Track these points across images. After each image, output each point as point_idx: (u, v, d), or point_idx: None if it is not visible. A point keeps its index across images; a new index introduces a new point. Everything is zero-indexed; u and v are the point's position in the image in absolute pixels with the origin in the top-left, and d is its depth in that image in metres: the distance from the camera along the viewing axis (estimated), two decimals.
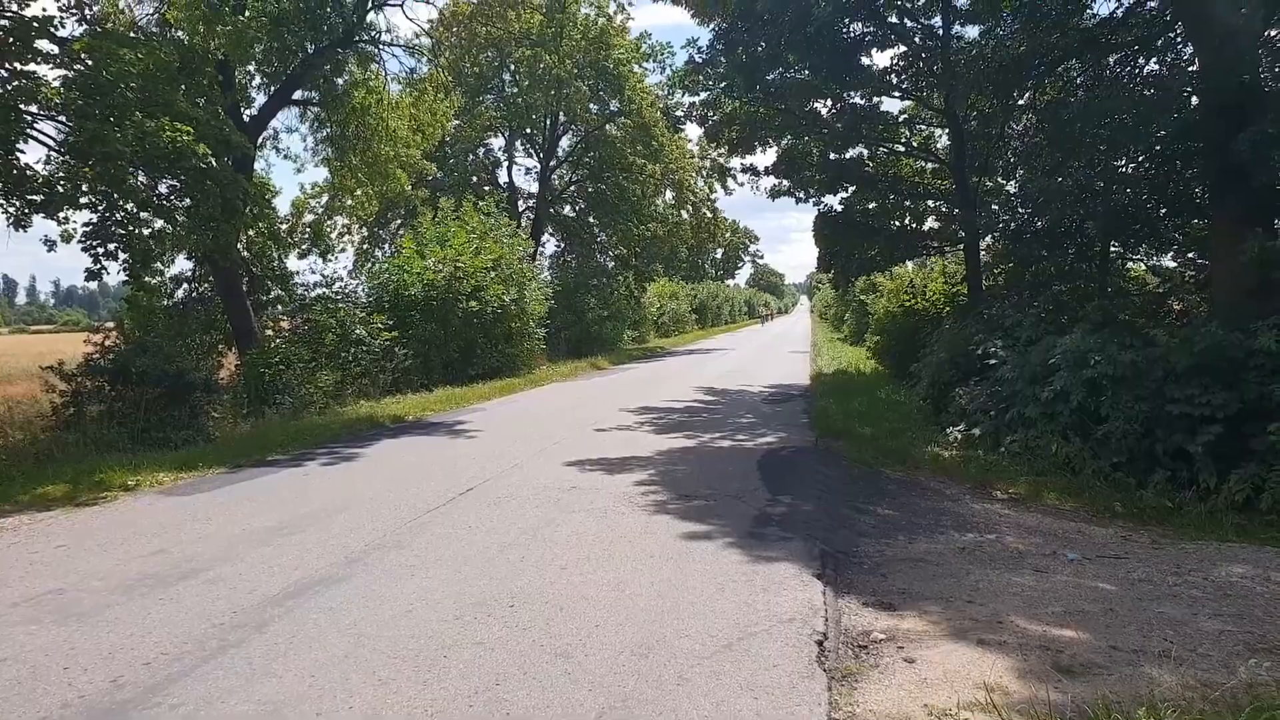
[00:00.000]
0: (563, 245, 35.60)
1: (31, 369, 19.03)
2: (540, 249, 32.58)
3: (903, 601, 5.30)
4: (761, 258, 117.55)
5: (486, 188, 31.99)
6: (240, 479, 9.40)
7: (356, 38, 18.23)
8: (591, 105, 32.22)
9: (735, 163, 20.34)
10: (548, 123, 32.89)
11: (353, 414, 14.48)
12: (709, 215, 40.50)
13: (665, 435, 12.18)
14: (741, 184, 52.10)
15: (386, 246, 29.57)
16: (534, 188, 34.48)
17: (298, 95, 18.87)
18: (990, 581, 5.71)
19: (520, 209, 33.53)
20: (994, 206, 14.84)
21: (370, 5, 18.47)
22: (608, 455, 10.39)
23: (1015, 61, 12.57)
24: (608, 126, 33.01)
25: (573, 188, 35.38)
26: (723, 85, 16.90)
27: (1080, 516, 7.67)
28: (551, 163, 33.55)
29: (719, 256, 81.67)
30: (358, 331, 17.11)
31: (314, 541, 6.66)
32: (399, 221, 29.23)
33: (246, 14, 15.25)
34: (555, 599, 5.24)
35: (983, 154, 15.87)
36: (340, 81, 18.41)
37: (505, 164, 34.51)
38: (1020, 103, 14.59)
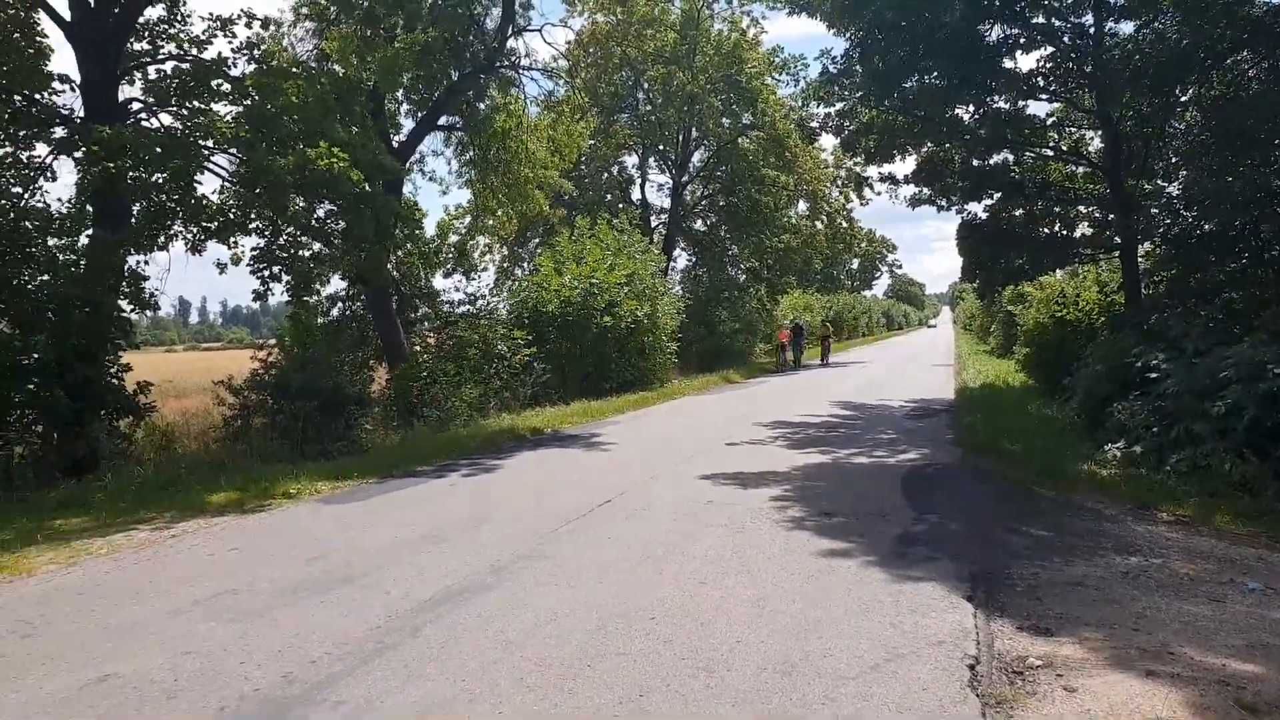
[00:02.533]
0: (694, 259, 35.72)
1: (203, 384, 20.63)
2: (672, 263, 32.84)
3: (1060, 627, 5.03)
4: (900, 267, 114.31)
5: (620, 205, 32.51)
6: (390, 489, 9.87)
7: (498, 63, 18.96)
8: (724, 120, 32.30)
9: (873, 171, 20.05)
10: (680, 138, 33.16)
11: (494, 426, 14.97)
12: (844, 225, 39.78)
13: (801, 450, 12.00)
14: (879, 193, 49.93)
15: (525, 264, 30.49)
16: (666, 203, 34.83)
17: (443, 121, 19.78)
18: (1158, 609, 5.34)
19: (653, 224, 33.91)
20: (1154, 210, 13.91)
21: (511, 32, 19.19)
22: (743, 470, 10.33)
23: (1177, 56, 11.78)
24: (740, 140, 32.99)
25: (704, 202, 35.51)
26: (858, 95, 16.59)
27: (1260, 543, 7.06)
28: (684, 178, 33.78)
29: (854, 267, 79.98)
30: (499, 347, 17.71)
31: (461, 550, 6.92)
32: (537, 240, 30.11)
33: (396, 44, 16.12)
34: (696, 613, 5.25)
35: (1140, 155, 14.93)
36: (482, 106, 19.19)
37: (639, 181, 35.03)
38: (1183, 99, 13.66)
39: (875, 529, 7.35)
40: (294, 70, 14.67)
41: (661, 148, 33.64)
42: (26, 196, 12.98)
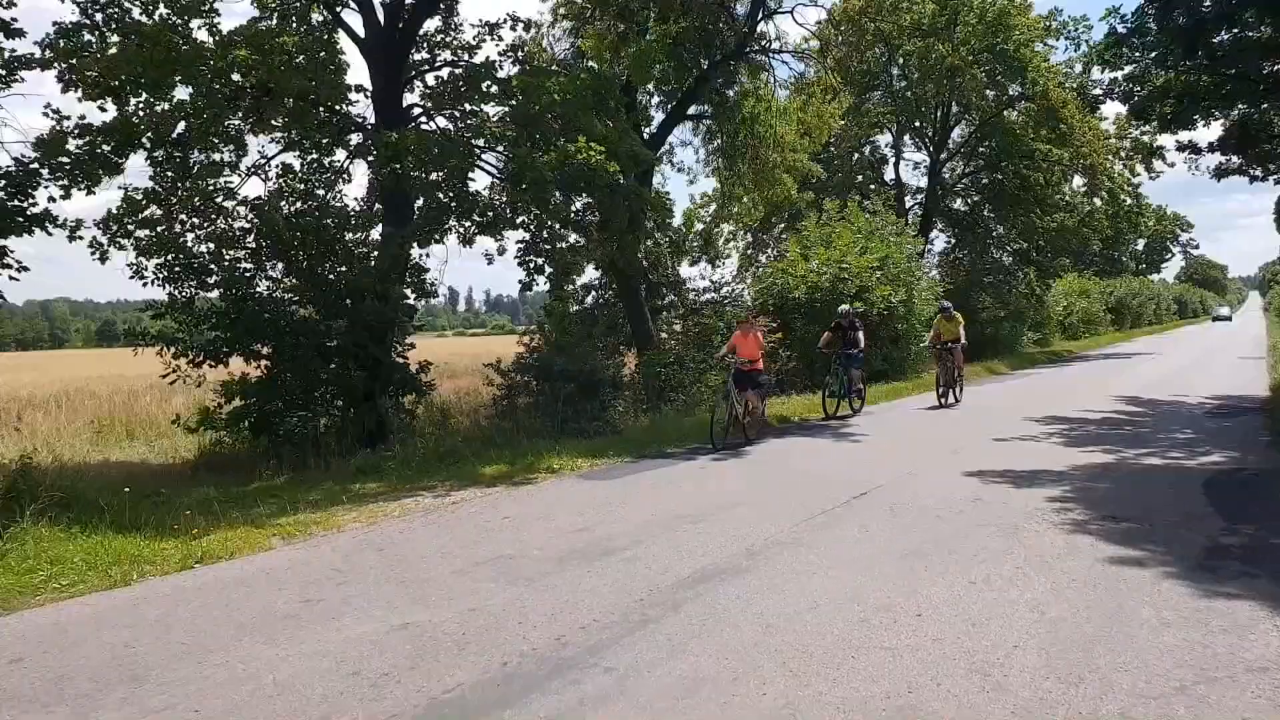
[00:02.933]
0: (953, 241, 33.95)
1: (472, 366, 22.45)
2: (929, 246, 31.35)
3: None
4: (1196, 247, 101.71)
5: (872, 186, 31.56)
6: (643, 468, 10.24)
7: (748, 49, 19.01)
8: (988, 92, 30.37)
9: (1167, 141, 17.98)
10: (939, 114, 31.61)
11: None
12: (1128, 201, 36.15)
13: (1079, 449, 11.09)
14: (1172, 164, 44.64)
15: (770, 251, 30.41)
16: (922, 182, 33.35)
17: (692, 110, 20.15)
18: None
19: (907, 205, 32.62)
20: None
21: (761, 16, 19.17)
22: (1013, 467, 9.71)
23: None
24: (1006, 112, 30.90)
25: (965, 180, 33.63)
26: (1152, 55, 15.00)
27: None
28: (942, 155, 32.19)
29: (1139, 248, 72.47)
30: None
31: (716, 531, 7.06)
32: (782, 225, 29.90)
33: (649, 37, 16.61)
34: (966, 613, 5.03)
35: None
36: (731, 93, 19.33)
37: (892, 160, 33.80)
38: None
39: (1174, 538, 6.65)
40: (554, 69, 15.57)
41: (918, 125, 32.25)
42: (328, 198, 14.74)
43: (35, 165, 11.38)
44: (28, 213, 10.84)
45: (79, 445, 14.55)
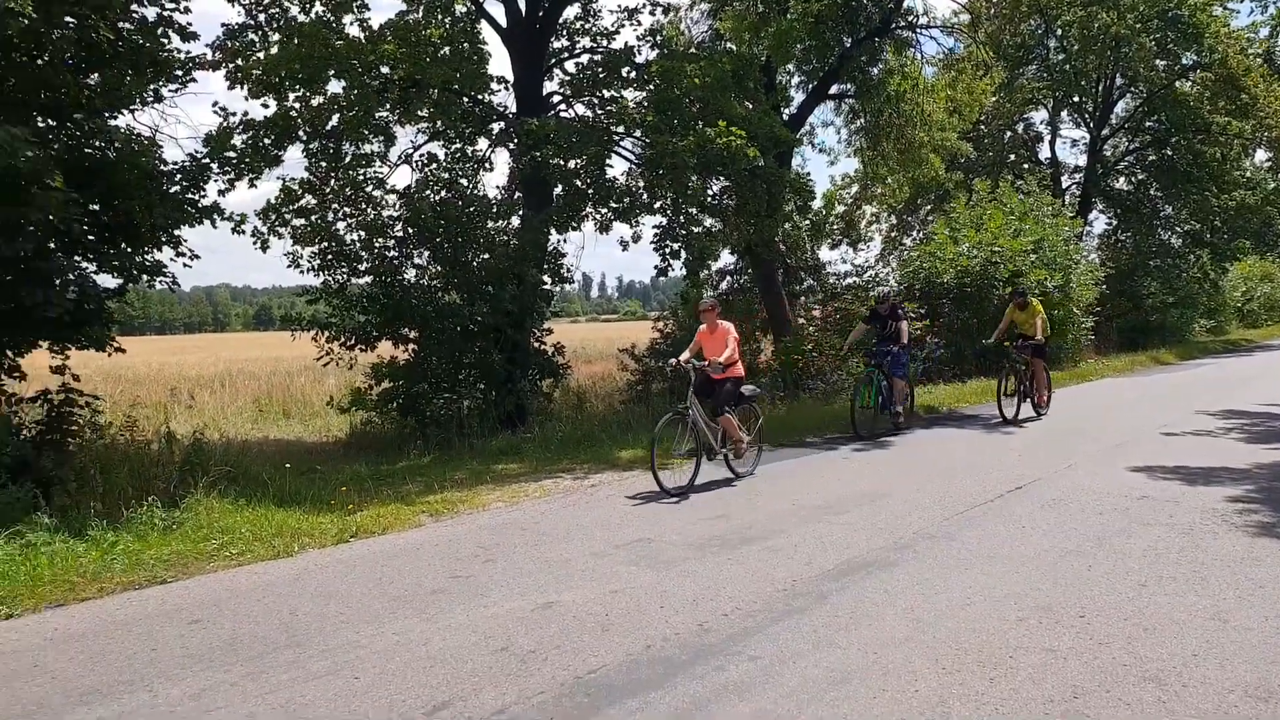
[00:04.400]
0: (1115, 222, 31.92)
1: (606, 351, 22.82)
2: (1088, 228, 29.61)
3: None
4: None
5: (1025, 165, 30.02)
6: (782, 457, 10.12)
7: (893, 25, 18.42)
8: (1158, 62, 28.29)
9: None
10: (1100, 88, 29.72)
11: None
12: None
13: (1263, 445, 10.25)
14: None
15: (915, 233, 29.45)
16: (1081, 160, 31.47)
17: (833, 90, 19.68)
18: None
19: (1064, 185, 30.89)
20: None
21: None
22: (1185, 464, 9.08)
23: None
24: (1178, 84, 28.75)
25: (1129, 157, 31.53)
26: None
27: None
28: (1103, 131, 30.27)
29: None
30: None
31: (860, 523, 6.91)
32: (929, 207, 28.88)
33: (789, 16, 16.32)
34: (1135, 617, 4.74)
35: None
36: (875, 71, 18.78)
37: (1048, 138, 32.04)
38: None
39: None
40: (693, 52, 15.54)
41: (1077, 99, 30.41)
42: (471, 186, 15.23)
43: (205, 160, 12.25)
44: (199, 205, 11.66)
45: (241, 423, 15.64)
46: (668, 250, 13.67)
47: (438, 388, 13.32)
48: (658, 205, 13.62)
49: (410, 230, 13.42)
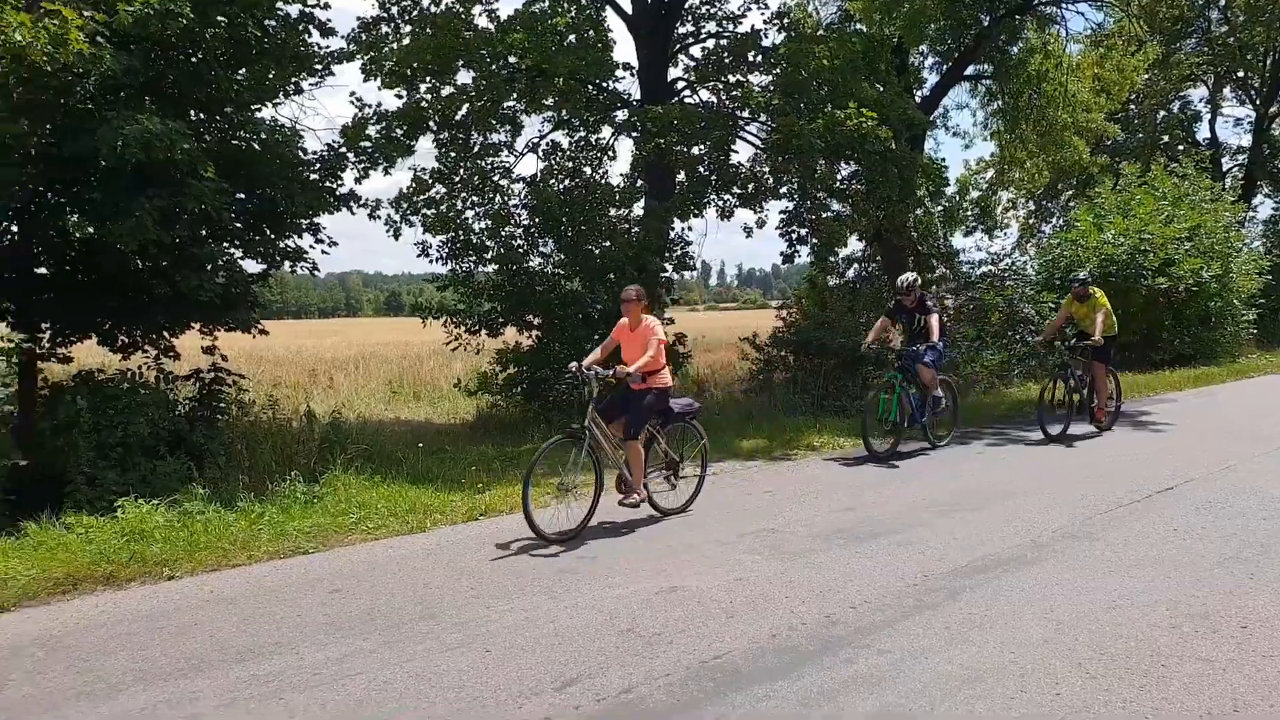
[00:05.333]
0: None
1: (726, 339, 22.73)
2: (1252, 213, 27.60)
3: None
4: None
5: (1180, 147, 28.25)
6: (913, 451, 9.86)
7: (1035, 1, 17.63)
8: None
9: None
10: (1268, 61, 27.64)
11: (1018, 395, 14.28)
12: None
13: None
14: None
15: (1055, 220, 28.14)
16: (1245, 141, 29.38)
17: (970, 70, 18.99)
18: None
19: (1225, 168, 28.91)
20: None
21: None
22: None
23: None
24: None
25: None
26: None
27: None
28: (1272, 108, 28.16)
29: None
30: (1025, 310, 16.66)
31: (995, 520, 6.70)
32: (1070, 192, 27.54)
33: None
34: None
35: None
36: (1015, 49, 18.03)
37: (1207, 117, 30.03)
38: None
39: None
40: (821, 34, 15.27)
41: (1241, 75, 28.40)
42: (594, 174, 15.43)
43: (343, 149, 12.84)
44: (336, 193, 12.23)
45: (374, 404, 16.34)
46: (794, 236, 13.52)
47: (561, 373, 13.59)
48: (783, 190, 13.48)
49: (535, 219, 13.71)
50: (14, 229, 9.51)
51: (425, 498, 7.47)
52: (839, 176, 14.06)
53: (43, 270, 9.87)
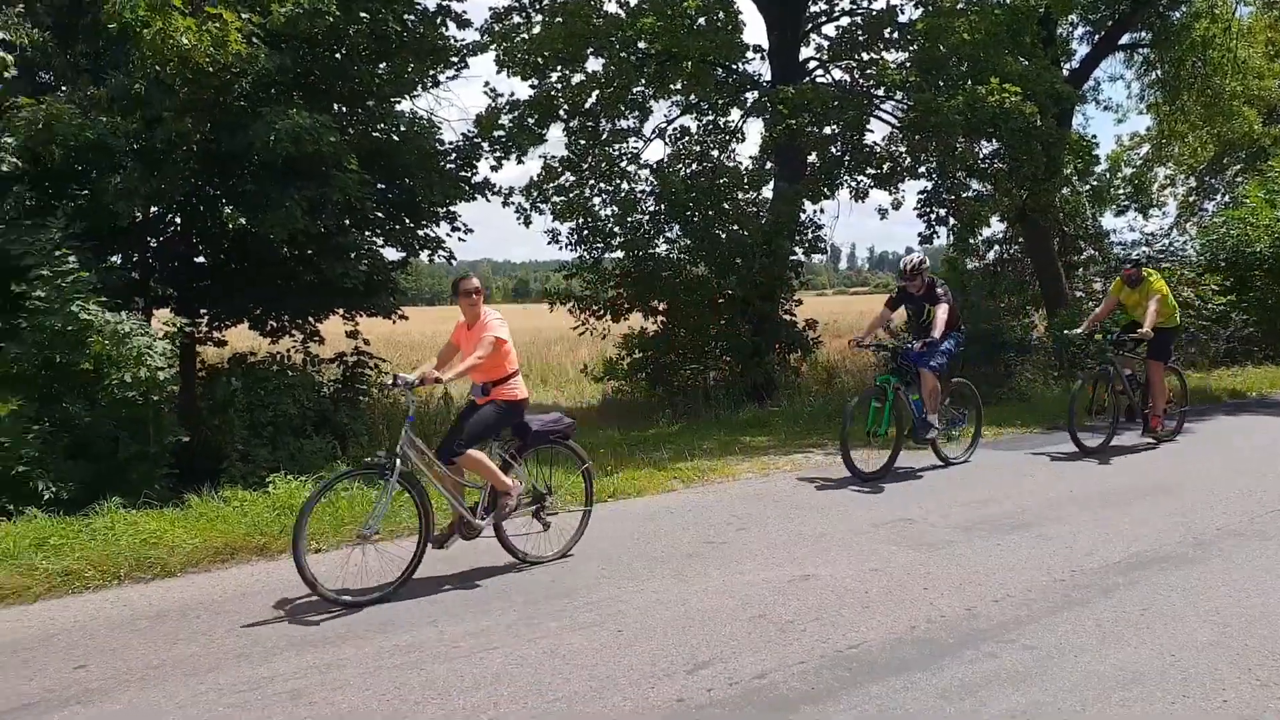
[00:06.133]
0: None
1: (856, 324, 22.23)
2: None
3: None
4: None
5: None
6: (1055, 441, 9.41)
7: None
8: None
9: None
10: None
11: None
12: None
13: None
14: None
15: (1220, 197, 26.26)
16: None
17: (1124, 39, 17.92)
18: None
19: None
20: None
21: None
22: None
23: None
24: None
25: None
26: None
27: None
28: None
29: None
30: (1185, 294, 15.62)
31: (1150, 515, 6.33)
32: (1238, 166, 25.63)
33: None
34: None
35: None
36: (1177, 15, 16.90)
37: None
38: None
39: None
40: (960, 7, 14.69)
41: None
42: (722, 158, 15.36)
43: (477, 139, 13.23)
44: (471, 182, 12.61)
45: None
46: (932, 217, 13.12)
47: (685, 359, 13.64)
48: (921, 170, 13.10)
49: (661, 204, 13.77)
50: (177, 220, 10.25)
51: (554, 479, 7.61)
52: (980, 155, 13.54)
53: (201, 259, 10.61)
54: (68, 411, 7.26)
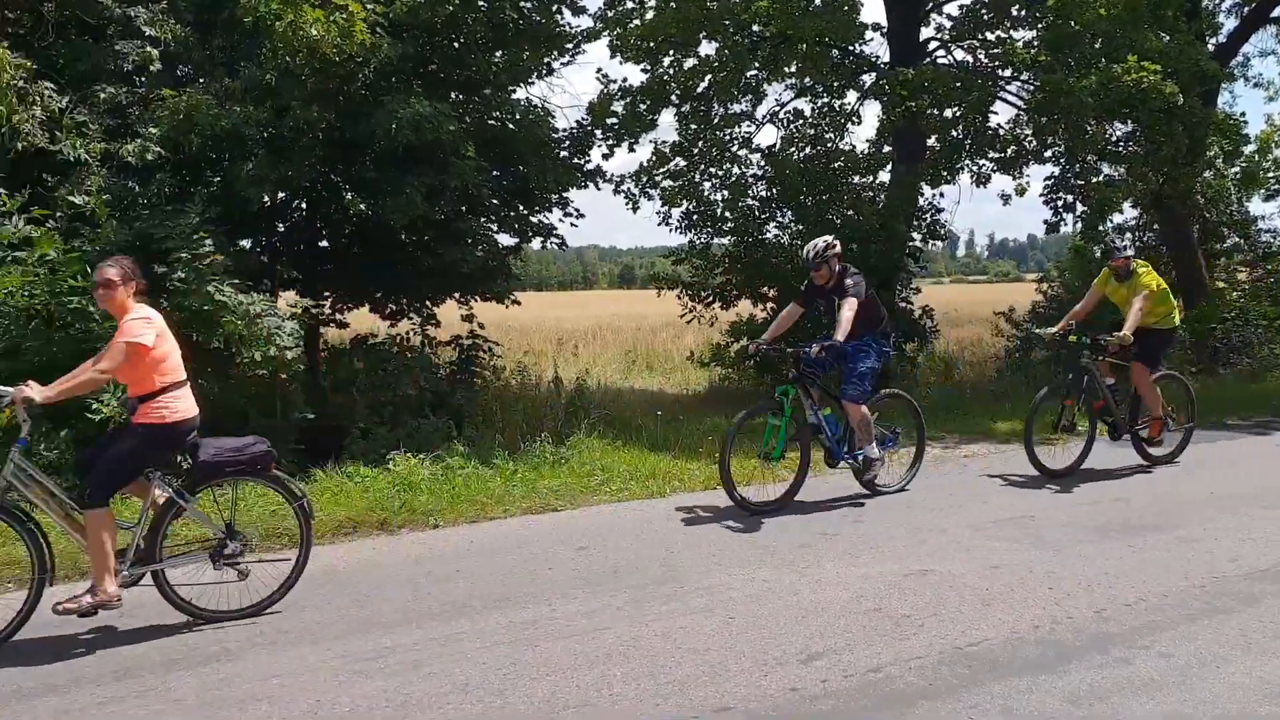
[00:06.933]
0: None
1: (974, 314, 21.60)
2: None
3: None
4: None
5: None
6: (1196, 440, 8.94)
7: None
8: None
9: None
10: None
11: None
12: None
13: None
14: None
15: None
16: None
17: (1276, 11, 16.75)
18: None
19: None
20: None
21: None
22: None
23: None
24: None
25: None
26: None
27: None
28: None
29: None
30: None
31: None
32: None
33: None
34: None
35: None
36: None
37: None
38: None
39: None
40: None
41: None
42: (837, 141, 15.07)
43: (590, 126, 13.35)
44: (584, 169, 12.74)
45: (611, 373, 16.96)
46: (1059, 203, 12.58)
47: (795, 347, 13.44)
48: (1048, 154, 12.55)
49: (773, 189, 13.61)
50: (303, 206, 10.69)
51: (664, 464, 7.68)
52: (1113, 137, 12.90)
53: (324, 244, 11.04)
54: (202, 387, 7.67)
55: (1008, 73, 13.00)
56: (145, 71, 9.02)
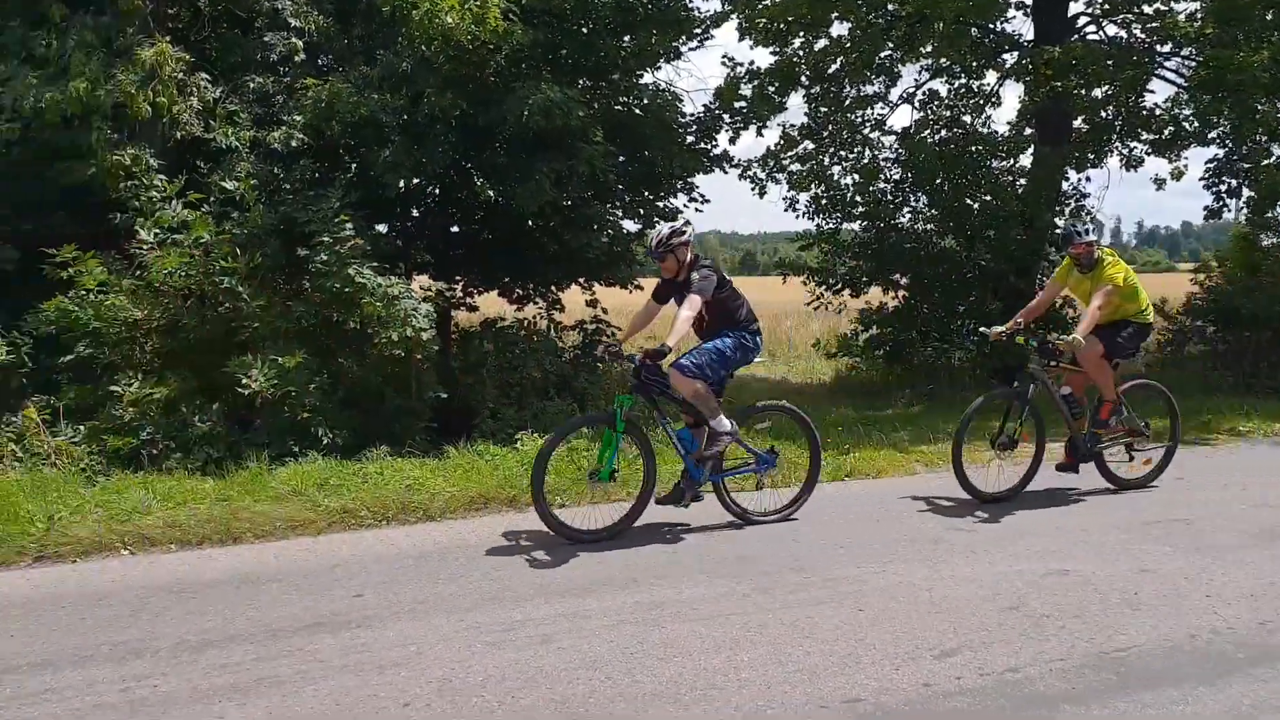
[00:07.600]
0: None
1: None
2: None
3: None
4: None
5: None
6: None
7: None
8: None
9: None
10: None
11: None
12: None
13: None
14: None
15: None
16: None
17: None
18: None
19: None
20: None
21: None
22: None
23: None
24: None
25: None
26: None
27: None
28: None
29: None
30: None
31: None
32: None
33: None
34: None
35: None
36: None
37: None
38: None
39: None
40: None
41: None
42: (975, 123, 14.55)
43: (717, 110, 13.30)
44: (710, 153, 12.71)
45: None
46: (1223, 188, 11.81)
47: (927, 337, 13.09)
48: (1211, 135, 11.79)
49: (907, 173, 13.26)
50: (436, 192, 11.03)
51: (790, 453, 7.59)
52: None
53: (455, 229, 11.38)
54: (341, 366, 8.06)
55: (1167, 48, 12.28)
56: (290, 61, 9.46)
